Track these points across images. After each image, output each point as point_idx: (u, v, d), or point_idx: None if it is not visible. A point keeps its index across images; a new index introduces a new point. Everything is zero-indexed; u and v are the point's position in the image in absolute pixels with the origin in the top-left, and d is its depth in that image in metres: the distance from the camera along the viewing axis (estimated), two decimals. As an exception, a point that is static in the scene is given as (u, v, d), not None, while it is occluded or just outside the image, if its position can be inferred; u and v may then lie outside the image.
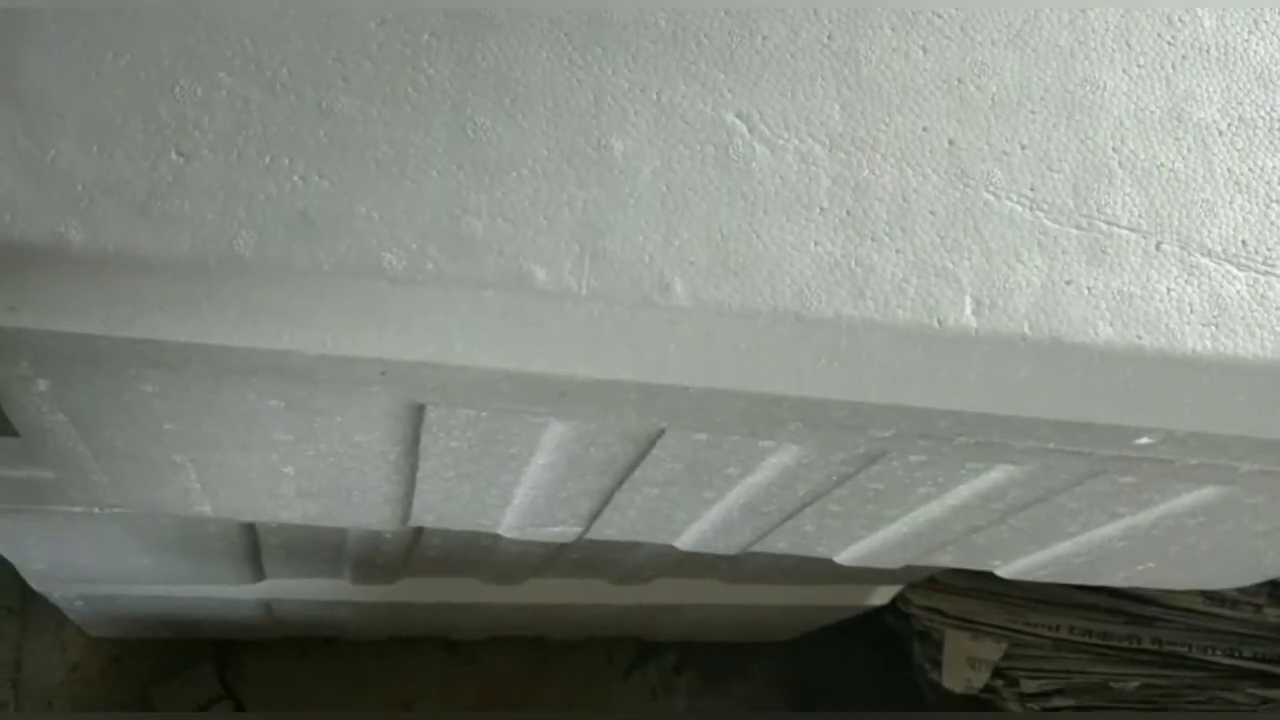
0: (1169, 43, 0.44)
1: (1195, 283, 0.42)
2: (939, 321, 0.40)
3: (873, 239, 0.40)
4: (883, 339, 0.40)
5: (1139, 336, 0.41)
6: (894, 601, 1.15)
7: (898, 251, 0.40)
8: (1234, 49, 0.44)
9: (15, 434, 0.53)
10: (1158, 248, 0.42)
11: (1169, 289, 0.42)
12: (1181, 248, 0.42)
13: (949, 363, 0.40)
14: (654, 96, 0.40)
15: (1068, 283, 0.41)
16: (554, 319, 0.39)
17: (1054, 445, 0.45)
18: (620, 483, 0.55)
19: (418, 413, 0.47)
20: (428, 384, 0.41)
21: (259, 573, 0.90)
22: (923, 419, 0.43)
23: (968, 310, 0.40)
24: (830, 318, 0.39)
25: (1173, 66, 0.44)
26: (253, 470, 0.54)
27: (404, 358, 0.39)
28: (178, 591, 0.95)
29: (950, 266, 0.40)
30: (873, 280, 0.40)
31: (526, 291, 0.38)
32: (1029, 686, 1.17)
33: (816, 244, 0.40)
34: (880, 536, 0.63)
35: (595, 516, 0.61)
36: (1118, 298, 0.41)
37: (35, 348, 0.40)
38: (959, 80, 0.42)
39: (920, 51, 0.42)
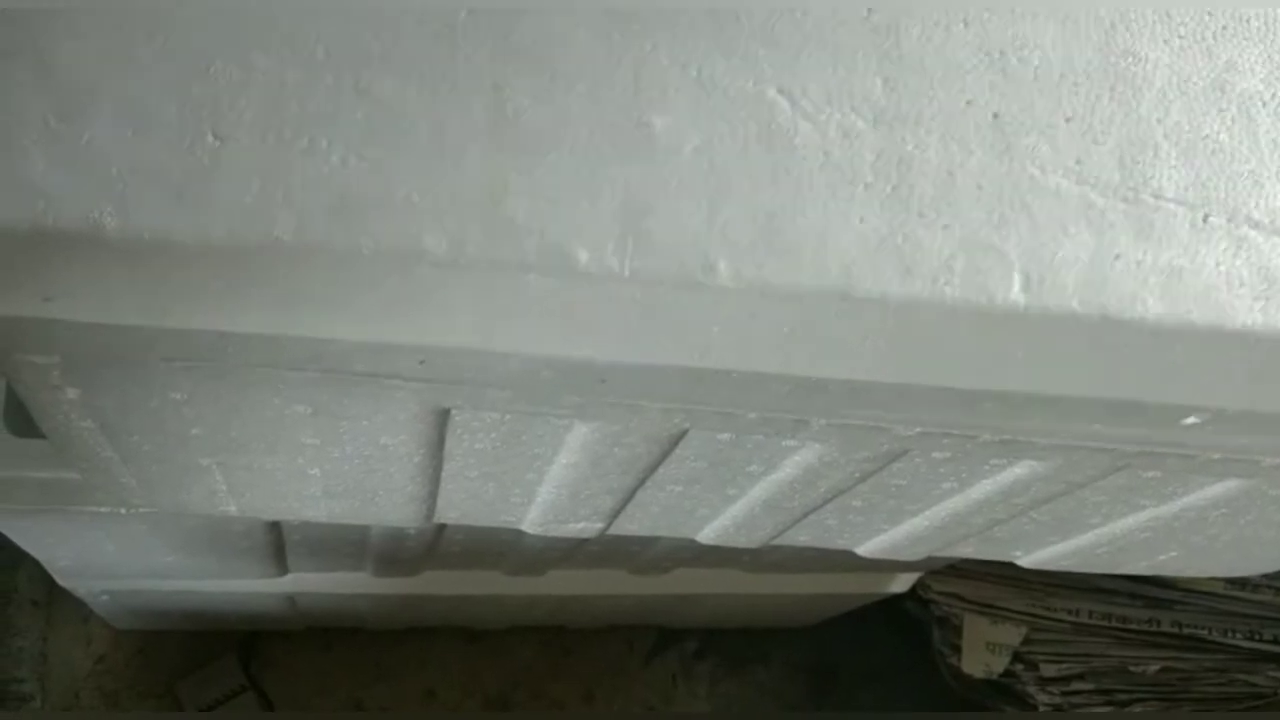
0: (1209, 13, 0.43)
1: (1244, 255, 0.41)
2: (988, 299, 0.39)
3: (919, 215, 0.39)
4: (931, 318, 0.39)
5: (1189, 311, 0.40)
6: (914, 587, 1.15)
7: (945, 227, 0.39)
8: (1276, 18, 0.43)
9: (42, 436, 0.54)
10: (1205, 220, 0.41)
11: (1217, 262, 0.40)
12: (1229, 220, 0.41)
13: (998, 341, 0.39)
14: (694, 73, 0.39)
15: (1116, 257, 0.39)
16: (596, 302, 0.37)
17: (1100, 427, 0.44)
18: (643, 481, 0.55)
19: (443, 416, 0.47)
20: (467, 371, 0.40)
21: (282, 567, 0.90)
22: (969, 402, 0.42)
23: (1016, 287, 0.39)
24: (877, 297, 0.38)
25: (1214, 37, 0.42)
26: (279, 472, 0.55)
27: (444, 344, 0.38)
28: (202, 586, 0.95)
29: (998, 242, 0.39)
30: (920, 257, 0.38)
31: (569, 274, 0.37)
32: (1049, 671, 1.17)
33: (862, 220, 0.38)
34: (902, 530, 0.63)
35: (617, 513, 0.61)
36: (1166, 272, 0.40)
37: (67, 348, 0.40)
38: (1001, 53, 0.41)
39: (961, 25, 0.41)
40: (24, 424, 0.68)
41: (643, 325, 0.38)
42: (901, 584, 1.10)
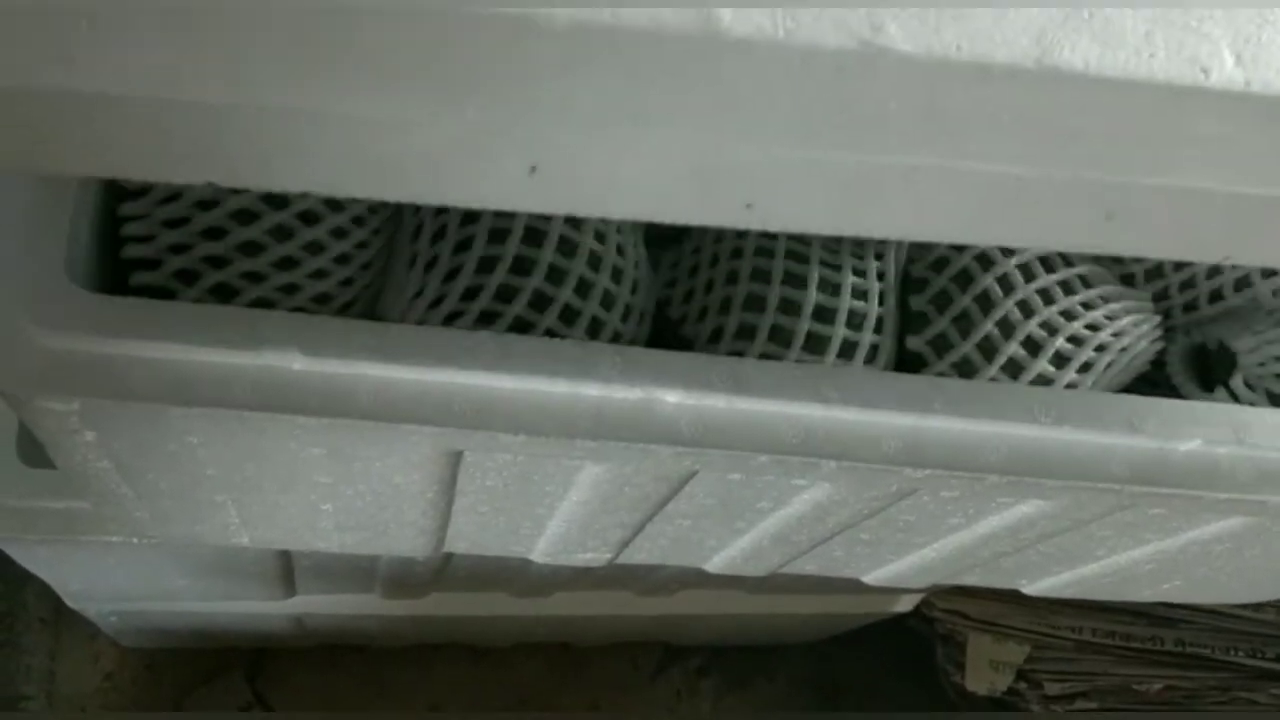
0: None
1: None
2: (1203, 73, 0.33)
3: None
4: (1142, 95, 0.33)
5: None
6: (918, 605, 1.15)
7: (1131, 8, 0.33)
8: None
9: (54, 466, 0.54)
10: None
11: None
12: None
13: (1218, 124, 0.34)
14: None
15: None
16: (747, 74, 0.31)
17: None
18: (652, 516, 0.56)
19: (456, 457, 0.48)
20: (583, 194, 0.33)
21: (291, 590, 0.91)
22: (1190, 207, 0.36)
23: (1230, 62, 0.34)
24: (1079, 68, 0.32)
25: None
26: (292, 507, 0.55)
27: (560, 140, 0.31)
28: (211, 607, 0.96)
29: (1194, 24, 0.34)
30: (1114, 30, 0.33)
31: (711, 38, 0.30)
32: (1052, 689, 1.18)
33: None
34: (908, 561, 0.64)
35: (626, 544, 0.62)
36: None
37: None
38: None
39: None
40: (37, 454, 0.68)
41: (805, 103, 0.31)
42: (906, 604, 1.10)
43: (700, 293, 0.52)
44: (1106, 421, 0.47)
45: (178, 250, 0.45)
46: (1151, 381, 0.56)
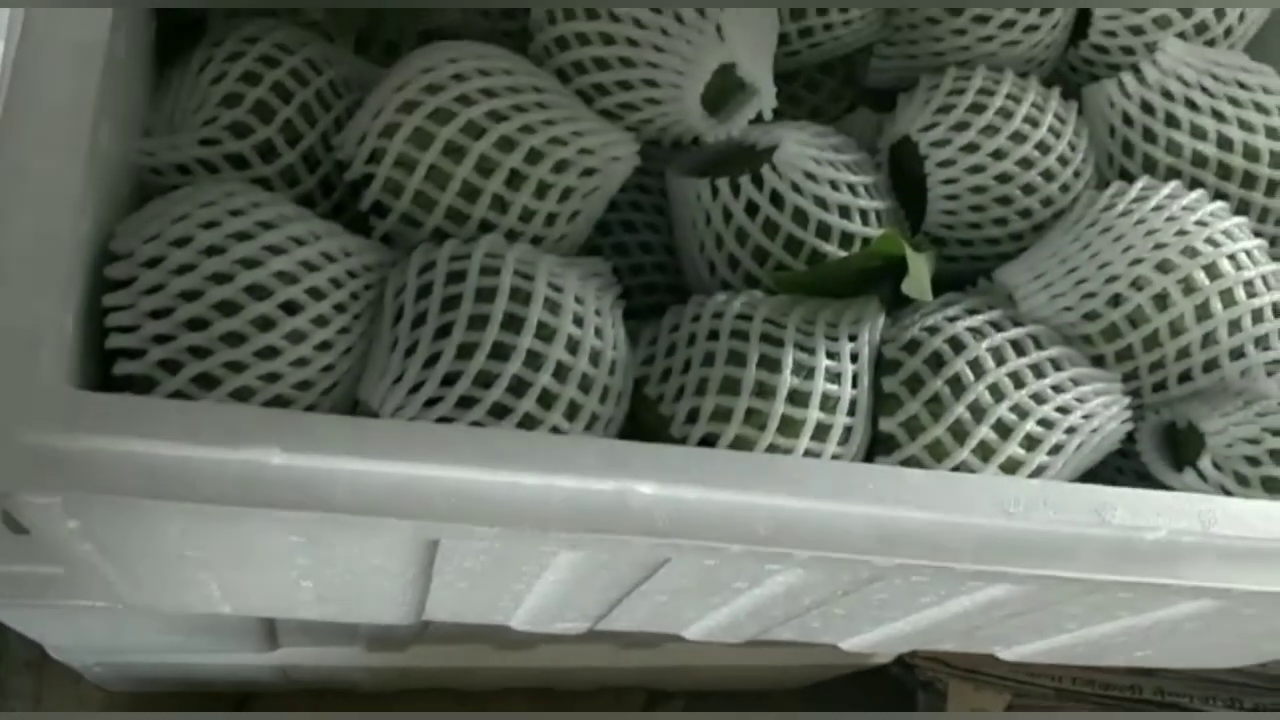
0: None
1: None
2: None
3: None
4: None
5: None
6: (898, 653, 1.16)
7: None
8: None
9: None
10: None
11: None
12: None
13: None
14: None
15: None
16: None
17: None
18: (629, 593, 0.56)
19: (433, 545, 0.48)
20: None
21: (274, 644, 0.91)
22: None
23: None
24: None
25: None
26: (272, 583, 0.56)
27: None
28: (195, 659, 0.96)
29: None
30: None
31: None
32: (1033, 739, 1.18)
33: None
34: (883, 631, 0.65)
35: (604, 616, 0.62)
36: None
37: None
38: None
39: None
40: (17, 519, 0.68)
41: None
42: (886, 655, 1.11)
43: (677, 372, 0.53)
44: (1074, 512, 0.47)
45: (161, 340, 0.46)
46: (1123, 454, 0.57)
